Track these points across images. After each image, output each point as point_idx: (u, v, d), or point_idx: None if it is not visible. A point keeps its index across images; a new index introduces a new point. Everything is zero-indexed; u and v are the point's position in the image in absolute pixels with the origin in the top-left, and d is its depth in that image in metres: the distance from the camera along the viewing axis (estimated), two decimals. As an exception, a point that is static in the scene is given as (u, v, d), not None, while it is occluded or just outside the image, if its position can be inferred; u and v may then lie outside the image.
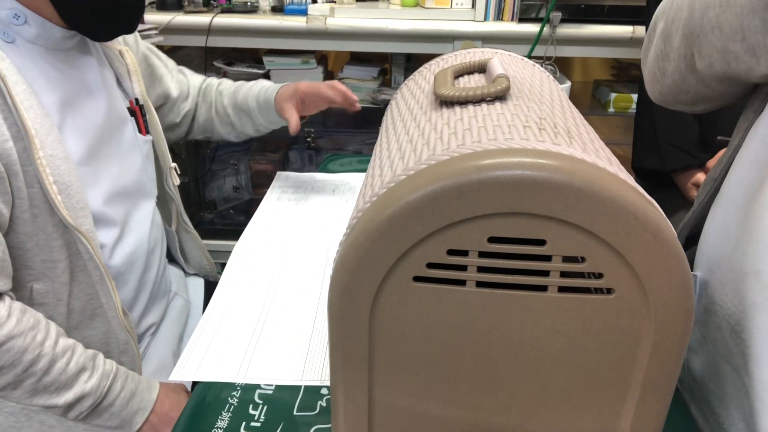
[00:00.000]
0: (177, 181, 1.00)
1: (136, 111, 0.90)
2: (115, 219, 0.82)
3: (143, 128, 0.91)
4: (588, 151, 0.38)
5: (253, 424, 0.59)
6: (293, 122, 1.01)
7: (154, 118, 0.94)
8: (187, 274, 1.11)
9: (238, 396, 0.62)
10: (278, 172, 1.18)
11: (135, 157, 0.89)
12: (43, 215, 0.71)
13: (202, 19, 1.62)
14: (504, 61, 0.56)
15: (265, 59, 1.77)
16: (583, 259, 0.34)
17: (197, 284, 1.11)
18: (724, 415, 0.54)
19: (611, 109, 1.73)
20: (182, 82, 1.07)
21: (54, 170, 0.70)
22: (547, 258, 0.35)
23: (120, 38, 0.90)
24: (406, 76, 1.06)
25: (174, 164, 0.99)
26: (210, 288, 1.06)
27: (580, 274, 0.35)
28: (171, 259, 1.08)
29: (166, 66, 1.05)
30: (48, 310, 0.74)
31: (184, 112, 1.07)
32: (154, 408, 0.77)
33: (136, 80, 0.90)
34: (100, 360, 0.74)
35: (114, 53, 0.88)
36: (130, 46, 0.92)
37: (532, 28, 1.56)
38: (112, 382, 0.74)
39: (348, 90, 1.03)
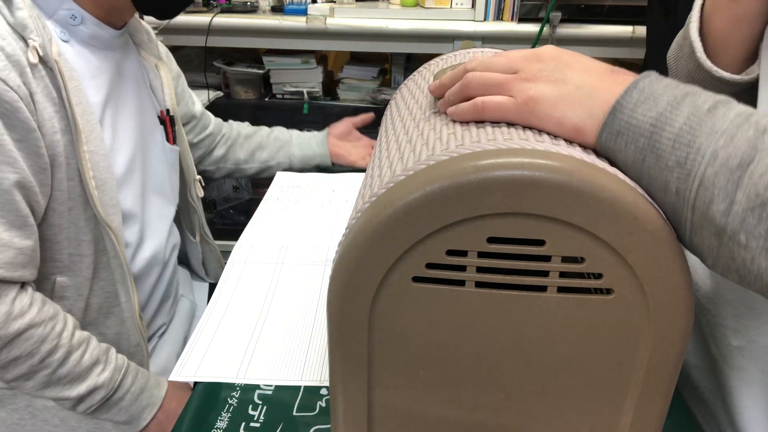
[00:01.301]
0: (201, 193, 1.02)
1: (166, 121, 0.93)
2: (141, 219, 0.84)
3: (171, 138, 0.94)
4: (588, 151, 0.38)
5: (252, 424, 0.59)
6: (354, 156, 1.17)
7: (181, 130, 0.97)
8: (194, 277, 1.11)
9: (237, 396, 0.62)
10: (278, 172, 1.18)
11: (162, 164, 0.91)
12: (78, 208, 0.72)
13: (202, 19, 1.62)
14: (503, 61, 0.56)
15: (265, 59, 1.77)
16: (582, 260, 0.34)
17: (203, 287, 1.11)
18: (704, 387, 0.58)
19: (611, 109, 1.72)
20: (206, 113, 1.12)
21: (94, 165, 0.72)
22: (547, 258, 0.35)
23: (156, 52, 0.94)
24: (406, 76, 1.06)
25: (199, 177, 1.01)
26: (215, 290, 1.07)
27: (579, 275, 0.35)
28: (179, 262, 1.09)
29: (191, 93, 1.09)
30: (67, 305, 0.75)
31: (202, 136, 1.11)
32: (162, 405, 0.77)
33: (168, 92, 0.93)
34: (112, 354, 0.75)
35: (150, 65, 0.91)
36: (164, 62, 0.95)
37: (532, 28, 1.56)
38: (124, 376, 0.74)
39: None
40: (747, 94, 0.52)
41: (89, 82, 0.76)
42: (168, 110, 0.93)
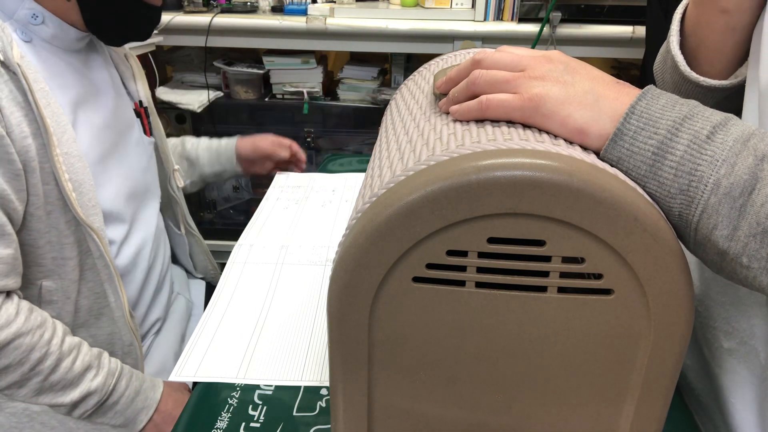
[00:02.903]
0: (181, 183, 1.01)
1: (141, 112, 0.91)
2: (123, 217, 0.83)
3: (147, 130, 0.93)
4: (588, 152, 0.38)
5: (252, 424, 0.59)
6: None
7: (156, 120, 0.96)
8: (190, 276, 1.11)
9: (237, 396, 0.62)
10: (278, 173, 1.18)
11: (141, 157, 0.90)
12: (57, 212, 0.71)
13: (202, 19, 1.62)
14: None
15: (265, 59, 1.77)
16: (582, 260, 0.34)
17: (200, 285, 1.11)
18: (699, 388, 0.59)
19: (611, 109, 1.72)
20: None
21: (69, 167, 0.71)
22: (547, 259, 0.35)
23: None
24: (406, 76, 1.06)
25: (177, 167, 1.00)
26: (212, 289, 1.06)
27: (579, 275, 0.35)
28: (174, 260, 1.08)
29: None
30: (56, 308, 0.75)
31: None
32: (158, 407, 0.77)
33: (140, 82, 0.92)
34: (105, 358, 0.75)
35: (120, 57, 0.90)
36: (132, 53, 0.94)
37: (532, 28, 1.56)
38: (117, 380, 0.74)
39: (300, 151, 1.15)
40: (736, 95, 0.53)
41: (57, 82, 0.74)
42: (141, 101, 0.92)
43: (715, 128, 0.35)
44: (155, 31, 1.57)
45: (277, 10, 1.73)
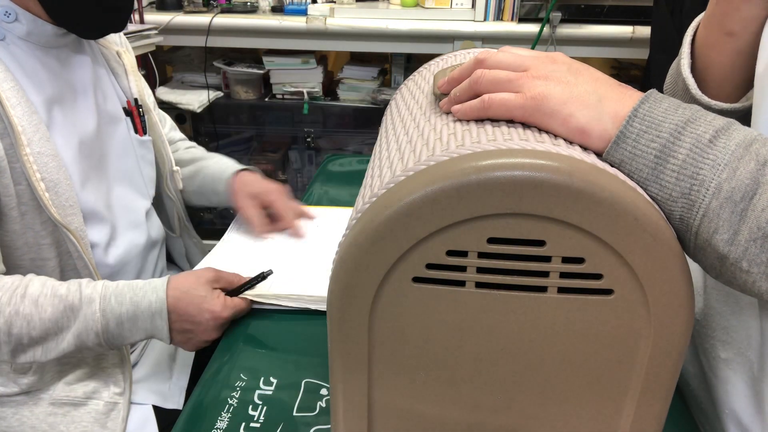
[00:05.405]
0: (180, 185, 0.98)
1: (133, 111, 0.89)
2: (107, 218, 0.81)
3: (140, 128, 0.91)
4: (588, 152, 0.38)
5: (252, 424, 0.59)
6: (256, 223, 0.93)
7: (153, 119, 0.93)
8: None
9: (237, 396, 0.62)
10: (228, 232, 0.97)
11: (129, 157, 0.88)
12: (31, 213, 0.71)
13: (202, 19, 1.63)
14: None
15: (265, 59, 1.78)
16: (582, 260, 0.34)
17: None
18: (701, 396, 0.59)
19: (611, 109, 1.72)
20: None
21: (42, 167, 0.70)
22: (547, 259, 0.35)
23: (117, 40, 0.91)
24: (406, 76, 1.06)
25: (177, 168, 0.97)
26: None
27: (579, 275, 0.35)
28: (172, 262, 1.07)
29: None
30: None
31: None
32: (169, 310, 0.71)
33: (133, 80, 0.90)
34: (69, 314, 0.69)
35: (111, 54, 0.88)
36: (126, 49, 0.92)
37: (532, 28, 1.56)
38: (103, 323, 0.69)
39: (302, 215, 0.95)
40: (744, 119, 0.52)
41: (31, 81, 0.73)
42: (136, 100, 0.90)
43: (717, 132, 0.35)
44: (155, 31, 1.58)
45: (277, 10, 1.73)
